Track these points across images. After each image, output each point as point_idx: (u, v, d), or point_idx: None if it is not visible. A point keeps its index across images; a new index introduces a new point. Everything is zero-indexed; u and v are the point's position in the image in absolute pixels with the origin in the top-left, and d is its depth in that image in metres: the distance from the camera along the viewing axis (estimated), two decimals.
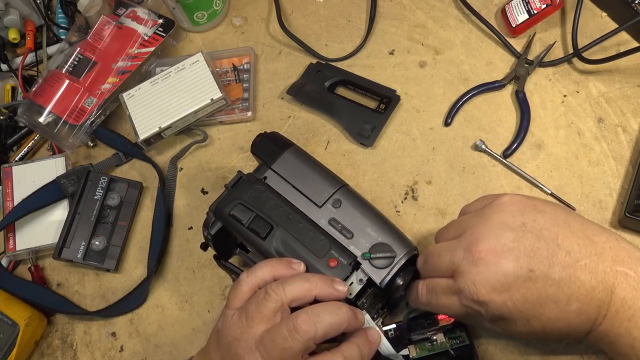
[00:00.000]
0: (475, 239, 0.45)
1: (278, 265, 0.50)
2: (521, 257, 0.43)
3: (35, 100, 0.73)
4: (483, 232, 0.45)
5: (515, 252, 0.43)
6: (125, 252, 0.70)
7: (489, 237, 0.44)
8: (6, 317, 0.63)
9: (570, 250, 0.43)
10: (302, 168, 0.57)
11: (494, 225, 0.45)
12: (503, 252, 0.43)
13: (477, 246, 0.44)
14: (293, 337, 0.44)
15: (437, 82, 0.74)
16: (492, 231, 0.45)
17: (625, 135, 0.69)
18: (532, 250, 0.43)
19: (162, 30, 0.77)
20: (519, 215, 0.45)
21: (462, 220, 0.49)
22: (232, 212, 0.54)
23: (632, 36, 0.74)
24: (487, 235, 0.45)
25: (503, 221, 0.45)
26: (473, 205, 0.51)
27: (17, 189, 0.71)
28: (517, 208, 0.46)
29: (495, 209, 0.46)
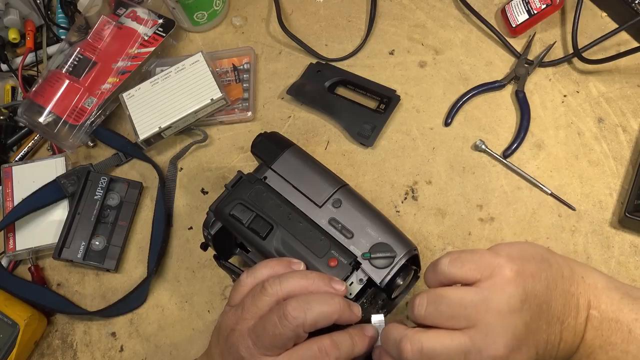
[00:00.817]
0: (490, 342, 0.42)
1: (277, 265, 0.50)
2: (531, 346, 0.43)
3: (35, 100, 0.73)
4: (496, 328, 0.42)
5: (527, 343, 0.42)
6: (125, 252, 0.70)
7: (503, 334, 0.42)
8: (6, 317, 0.63)
9: (559, 315, 0.44)
10: (302, 168, 0.57)
11: (504, 317, 0.42)
12: (519, 349, 0.42)
13: (496, 350, 0.41)
14: (282, 324, 0.44)
15: (437, 82, 0.74)
16: (504, 324, 0.42)
17: (625, 135, 0.69)
18: (537, 331, 0.43)
19: (162, 30, 0.77)
20: (524, 298, 0.43)
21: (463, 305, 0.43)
22: (232, 212, 0.54)
23: (632, 36, 0.74)
24: (500, 332, 0.42)
25: (511, 307, 0.42)
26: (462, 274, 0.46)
27: (17, 189, 0.71)
28: (520, 288, 0.43)
29: (500, 293, 0.43)
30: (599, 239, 0.64)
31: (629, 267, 0.63)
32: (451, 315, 0.43)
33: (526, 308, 0.43)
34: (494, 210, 0.67)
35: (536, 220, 0.66)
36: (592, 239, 0.64)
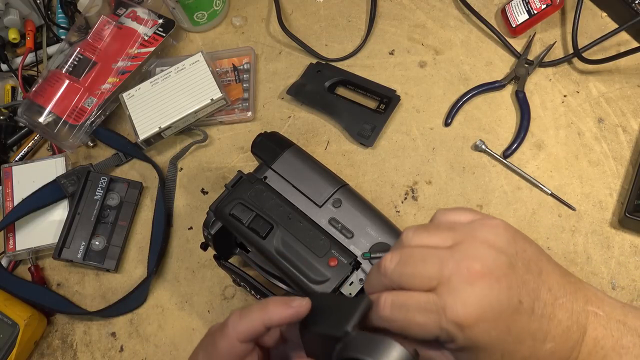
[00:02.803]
0: (471, 255, 0.40)
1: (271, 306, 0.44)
2: (514, 286, 0.39)
3: (35, 100, 0.73)
4: (480, 249, 0.41)
5: (510, 279, 0.40)
6: (125, 252, 0.70)
7: (486, 257, 0.40)
8: (6, 317, 0.63)
9: (551, 287, 0.41)
10: (302, 168, 0.57)
11: (490, 246, 0.41)
12: (499, 277, 0.39)
13: (474, 263, 0.40)
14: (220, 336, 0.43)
15: (437, 82, 0.74)
16: (488, 252, 0.41)
17: (625, 135, 0.69)
18: (523, 281, 0.40)
19: (162, 30, 0.77)
20: (513, 242, 0.41)
21: (451, 229, 0.44)
22: (232, 212, 0.54)
23: (632, 36, 0.74)
24: (484, 255, 0.40)
25: (498, 244, 0.41)
26: (455, 215, 0.46)
27: (17, 189, 0.71)
28: (510, 234, 0.42)
29: (490, 229, 0.42)
30: (599, 239, 0.64)
31: (629, 267, 0.63)
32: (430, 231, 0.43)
33: (512, 253, 0.41)
34: (494, 210, 0.67)
35: (536, 220, 0.66)
36: (592, 239, 0.64)
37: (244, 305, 0.66)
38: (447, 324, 0.39)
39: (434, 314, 0.40)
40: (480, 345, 0.39)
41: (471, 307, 0.39)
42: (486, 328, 0.39)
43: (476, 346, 0.39)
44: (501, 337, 0.39)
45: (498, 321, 0.39)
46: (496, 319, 0.39)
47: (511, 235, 0.42)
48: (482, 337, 0.39)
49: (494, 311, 0.39)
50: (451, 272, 0.40)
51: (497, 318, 0.39)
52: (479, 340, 0.39)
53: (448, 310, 0.39)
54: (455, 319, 0.39)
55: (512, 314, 0.39)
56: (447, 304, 0.39)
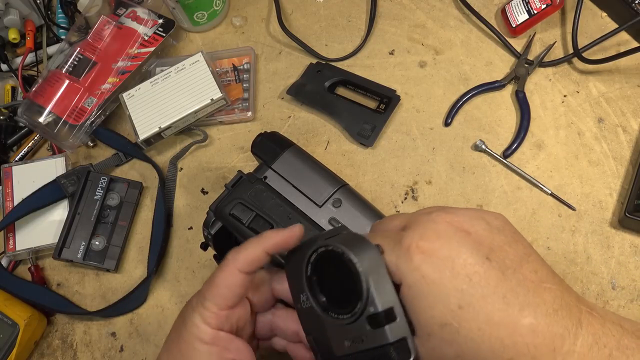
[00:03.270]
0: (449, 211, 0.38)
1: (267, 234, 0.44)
2: (484, 245, 0.36)
3: (35, 100, 0.73)
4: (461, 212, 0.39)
5: (481, 238, 0.37)
6: (125, 252, 0.70)
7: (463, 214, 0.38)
8: (6, 317, 0.63)
9: (537, 270, 0.37)
10: (302, 168, 0.57)
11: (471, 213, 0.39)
12: (468, 230, 0.37)
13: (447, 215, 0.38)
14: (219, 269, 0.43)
15: (437, 82, 0.74)
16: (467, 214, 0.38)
17: (625, 135, 0.69)
18: (499, 246, 0.37)
19: (162, 30, 0.77)
20: (502, 222, 0.39)
21: None
22: (233, 212, 0.54)
23: (632, 36, 0.74)
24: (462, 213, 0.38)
25: (482, 215, 0.39)
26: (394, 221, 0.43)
27: (17, 189, 0.71)
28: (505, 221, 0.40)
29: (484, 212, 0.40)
30: (599, 239, 0.64)
31: (629, 267, 0.63)
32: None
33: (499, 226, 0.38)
34: (494, 210, 0.67)
35: (536, 220, 0.66)
36: (592, 239, 0.64)
37: None
38: (400, 249, 0.37)
39: (391, 238, 0.38)
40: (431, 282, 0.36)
41: (429, 237, 0.36)
42: (438, 264, 0.36)
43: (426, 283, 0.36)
44: (457, 282, 0.35)
45: (455, 262, 0.36)
46: (452, 259, 0.36)
47: (507, 222, 0.40)
48: (432, 273, 0.36)
49: (451, 251, 0.36)
50: (421, 216, 0.39)
51: (454, 258, 0.36)
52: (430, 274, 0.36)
53: (406, 237, 0.37)
54: (410, 243, 0.36)
55: (473, 264, 0.35)
56: (406, 234, 0.37)
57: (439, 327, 0.35)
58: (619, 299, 0.61)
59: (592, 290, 0.62)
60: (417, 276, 0.36)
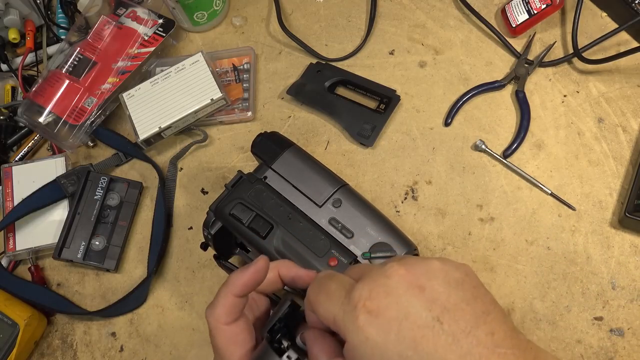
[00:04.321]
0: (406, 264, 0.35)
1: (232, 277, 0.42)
2: (437, 303, 0.34)
3: (35, 100, 0.73)
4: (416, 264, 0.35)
5: (435, 294, 0.34)
6: (125, 252, 0.70)
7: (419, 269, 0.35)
8: (6, 317, 0.63)
9: (494, 331, 0.34)
10: (302, 168, 0.57)
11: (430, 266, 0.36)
12: (422, 286, 0.34)
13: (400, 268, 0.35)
14: None
15: (437, 82, 0.74)
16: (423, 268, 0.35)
17: (625, 135, 0.69)
18: (455, 305, 0.34)
19: (162, 30, 0.77)
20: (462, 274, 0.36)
21: None
22: (233, 212, 0.54)
23: (632, 36, 0.74)
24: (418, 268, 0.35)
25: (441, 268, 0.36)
26: None
27: (17, 189, 0.71)
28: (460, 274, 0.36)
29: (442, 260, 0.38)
30: (599, 239, 0.64)
31: (629, 267, 0.63)
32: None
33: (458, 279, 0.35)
34: (494, 210, 0.67)
35: (536, 220, 0.66)
36: (592, 239, 0.64)
37: None
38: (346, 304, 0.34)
39: (342, 290, 0.35)
40: (374, 345, 0.33)
41: (376, 295, 0.34)
42: (385, 326, 0.33)
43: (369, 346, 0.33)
44: (401, 348, 0.33)
45: (401, 325, 0.33)
46: (400, 321, 0.33)
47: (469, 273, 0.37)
48: (376, 335, 0.33)
49: (399, 311, 0.33)
50: (377, 268, 0.36)
51: (402, 321, 0.33)
52: (373, 337, 0.33)
53: (353, 291, 0.34)
54: (355, 302, 0.34)
55: (422, 327, 0.33)
56: (357, 287, 0.35)
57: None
58: (619, 299, 0.61)
59: (592, 290, 0.62)
60: (361, 337, 0.33)
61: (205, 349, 0.64)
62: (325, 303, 0.36)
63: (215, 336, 0.41)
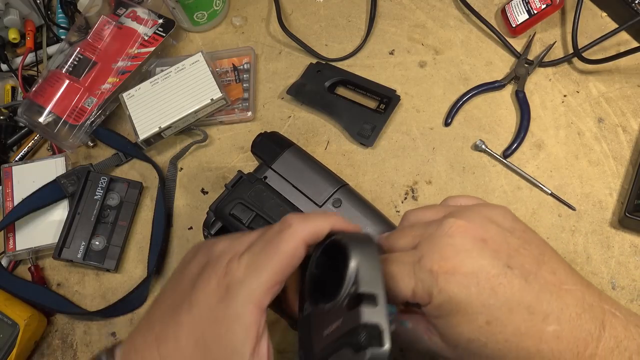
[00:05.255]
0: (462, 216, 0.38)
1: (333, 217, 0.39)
2: (502, 251, 0.36)
3: (35, 100, 0.73)
4: (473, 214, 0.38)
5: (498, 243, 0.37)
6: (125, 252, 0.70)
7: (476, 219, 0.38)
8: (6, 317, 0.63)
9: (555, 270, 0.37)
10: (302, 168, 0.57)
11: (486, 217, 0.38)
12: (484, 238, 0.37)
13: (459, 220, 0.37)
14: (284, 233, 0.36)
15: (437, 82, 0.74)
16: (481, 218, 0.38)
17: (625, 135, 0.69)
18: (516, 250, 0.37)
19: (162, 30, 0.77)
20: (510, 221, 0.39)
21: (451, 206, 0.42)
22: (233, 212, 0.54)
23: (632, 36, 0.74)
24: (474, 218, 0.38)
25: (496, 218, 0.39)
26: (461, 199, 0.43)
27: (17, 189, 0.71)
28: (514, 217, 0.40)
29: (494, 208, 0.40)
30: (599, 239, 0.64)
31: (629, 267, 0.63)
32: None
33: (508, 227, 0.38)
34: None
35: (536, 220, 0.66)
36: (592, 239, 0.64)
37: None
38: (421, 272, 0.37)
39: (408, 264, 0.38)
40: (459, 300, 0.36)
41: (447, 255, 0.36)
42: (464, 282, 0.36)
43: (454, 302, 0.36)
44: (483, 297, 0.35)
45: (478, 277, 0.36)
46: (475, 274, 0.36)
47: (515, 218, 0.39)
48: (460, 291, 0.35)
49: (472, 265, 0.36)
50: (434, 230, 0.38)
51: (477, 273, 0.36)
52: (457, 294, 0.35)
53: (424, 258, 0.37)
54: (431, 266, 0.36)
55: (496, 275, 0.36)
56: (423, 254, 0.37)
57: (466, 342, 0.36)
58: (619, 299, 0.61)
59: None
60: (445, 297, 0.36)
61: None
62: (397, 283, 0.37)
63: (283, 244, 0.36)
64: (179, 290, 0.38)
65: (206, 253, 0.39)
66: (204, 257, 0.39)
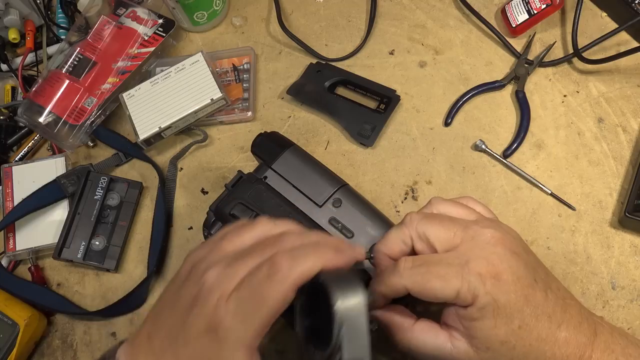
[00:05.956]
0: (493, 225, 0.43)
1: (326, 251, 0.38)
2: (530, 265, 0.42)
3: (35, 100, 0.73)
4: (500, 227, 0.44)
5: (525, 258, 0.42)
6: (125, 252, 0.70)
7: (505, 232, 0.43)
8: (6, 317, 0.63)
9: (558, 287, 0.44)
10: (302, 168, 0.57)
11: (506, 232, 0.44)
12: (517, 252, 0.42)
13: (496, 232, 0.42)
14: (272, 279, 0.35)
15: (437, 82, 0.74)
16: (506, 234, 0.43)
17: (625, 135, 0.69)
18: (535, 266, 0.43)
19: (162, 30, 0.77)
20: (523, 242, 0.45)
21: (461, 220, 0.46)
22: (233, 212, 0.54)
23: (632, 36, 0.74)
24: (503, 230, 0.43)
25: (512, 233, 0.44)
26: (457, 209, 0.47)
27: (17, 189, 0.71)
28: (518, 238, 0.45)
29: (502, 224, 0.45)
30: (599, 239, 0.64)
31: (629, 267, 0.63)
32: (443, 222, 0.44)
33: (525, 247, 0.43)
34: (494, 210, 0.66)
35: (536, 220, 0.66)
36: (592, 239, 0.64)
37: None
38: (469, 275, 0.40)
39: (455, 266, 0.41)
40: (501, 304, 0.40)
41: (494, 262, 0.40)
42: (507, 288, 0.40)
43: (497, 305, 0.40)
44: (520, 304, 0.40)
45: (517, 285, 0.40)
46: (515, 283, 0.40)
47: (519, 241, 0.45)
48: (503, 296, 0.40)
49: (513, 274, 0.41)
50: (475, 233, 0.42)
51: (516, 282, 0.40)
52: (500, 298, 0.40)
53: (472, 262, 0.40)
54: (479, 270, 0.40)
55: (529, 286, 0.41)
56: (470, 258, 0.41)
57: (499, 344, 0.40)
58: (619, 299, 0.61)
59: (592, 290, 0.62)
60: (489, 299, 0.40)
61: None
62: (444, 284, 0.40)
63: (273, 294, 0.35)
64: (176, 315, 0.39)
65: (196, 280, 0.38)
66: (194, 287, 0.38)
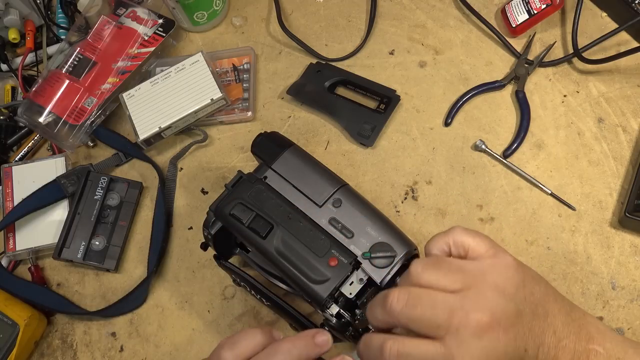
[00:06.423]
0: (480, 305, 0.41)
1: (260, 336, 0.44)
2: (520, 336, 0.41)
3: (35, 100, 0.73)
4: (489, 297, 0.41)
5: (517, 329, 0.41)
6: (125, 252, 0.70)
7: (495, 306, 0.41)
8: (6, 317, 0.63)
9: (556, 329, 0.43)
10: (302, 168, 0.57)
11: (500, 293, 0.42)
12: (507, 328, 0.41)
13: (483, 315, 0.40)
14: None
15: (437, 82, 0.74)
16: (497, 301, 0.41)
17: (625, 135, 0.69)
18: (529, 328, 0.42)
19: (162, 30, 0.77)
20: (522, 286, 0.43)
21: (460, 270, 0.43)
22: (233, 212, 0.54)
23: (632, 36, 0.74)
24: (493, 304, 0.41)
25: (508, 290, 0.42)
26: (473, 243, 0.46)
27: (17, 189, 0.71)
28: (520, 277, 0.43)
29: (500, 272, 0.43)
30: (599, 239, 0.64)
31: (629, 267, 0.63)
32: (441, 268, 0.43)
33: (520, 299, 0.42)
34: (494, 210, 0.67)
35: (536, 220, 0.66)
36: (592, 239, 0.64)
37: (243, 306, 0.66)
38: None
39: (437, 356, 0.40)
40: None
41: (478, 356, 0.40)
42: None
43: None
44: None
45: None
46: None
47: (521, 279, 0.43)
48: None
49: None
50: (460, 323, 0.40)
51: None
52: None
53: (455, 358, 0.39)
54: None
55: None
56: (454, 356, 0.39)
57: None
58: (619, 299, 0.61)
59: (592, 290, 0.62)
60: None
61: (205, 348, 0.64)
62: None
63: None
64: None
65: None
66: None
